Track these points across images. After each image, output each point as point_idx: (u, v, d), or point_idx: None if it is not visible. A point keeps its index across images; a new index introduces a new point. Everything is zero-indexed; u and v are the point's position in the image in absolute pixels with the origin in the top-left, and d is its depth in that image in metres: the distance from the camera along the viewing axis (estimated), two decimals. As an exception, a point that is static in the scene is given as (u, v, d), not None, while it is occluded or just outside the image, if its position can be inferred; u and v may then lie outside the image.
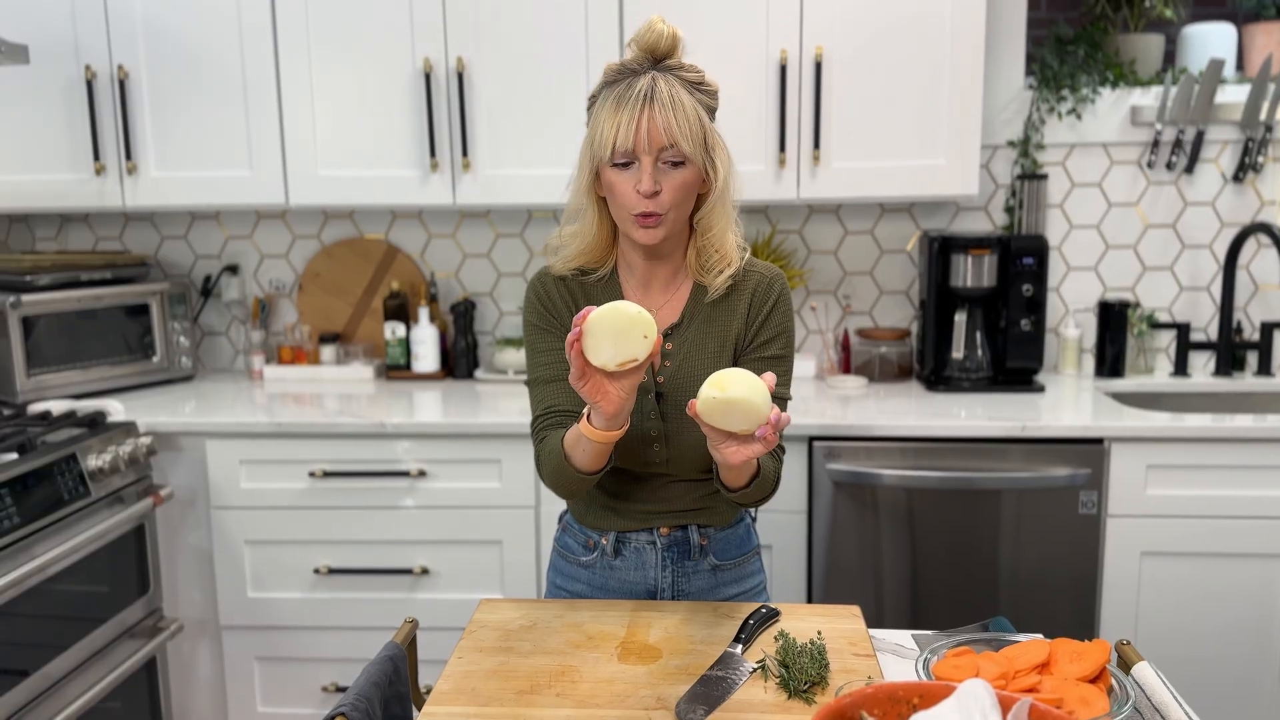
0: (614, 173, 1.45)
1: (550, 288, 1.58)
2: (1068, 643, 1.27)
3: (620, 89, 1.44)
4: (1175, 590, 2.44)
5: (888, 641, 1.49)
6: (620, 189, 1.45)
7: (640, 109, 1.41)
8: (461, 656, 1.39)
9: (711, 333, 1.56)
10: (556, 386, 1.54)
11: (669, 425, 1.54)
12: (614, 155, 1.43)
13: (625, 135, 1.41)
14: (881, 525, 2.46)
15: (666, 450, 1.56)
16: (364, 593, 2.56)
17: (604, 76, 1.49)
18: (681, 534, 1.61)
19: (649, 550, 1.61)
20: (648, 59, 1.47)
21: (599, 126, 1.45)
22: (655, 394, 1.54)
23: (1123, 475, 2.40)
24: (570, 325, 1.49)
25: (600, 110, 1.46)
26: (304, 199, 2.74)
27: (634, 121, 1.41)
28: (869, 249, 3.01)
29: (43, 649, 2.17)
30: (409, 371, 3.01)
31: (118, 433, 2.43)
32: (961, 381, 2.80)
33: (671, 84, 1.44)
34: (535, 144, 2.67)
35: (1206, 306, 2.96)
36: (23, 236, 3.18)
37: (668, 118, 1.41)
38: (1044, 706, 0.97)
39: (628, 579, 1.63)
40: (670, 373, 1.55)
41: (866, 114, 2.60)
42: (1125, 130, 2.89)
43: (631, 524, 1.62)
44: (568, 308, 1.57)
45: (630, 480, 1.60)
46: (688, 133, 1.43)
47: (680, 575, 1.62)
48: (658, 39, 1.46)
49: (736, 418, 1.28)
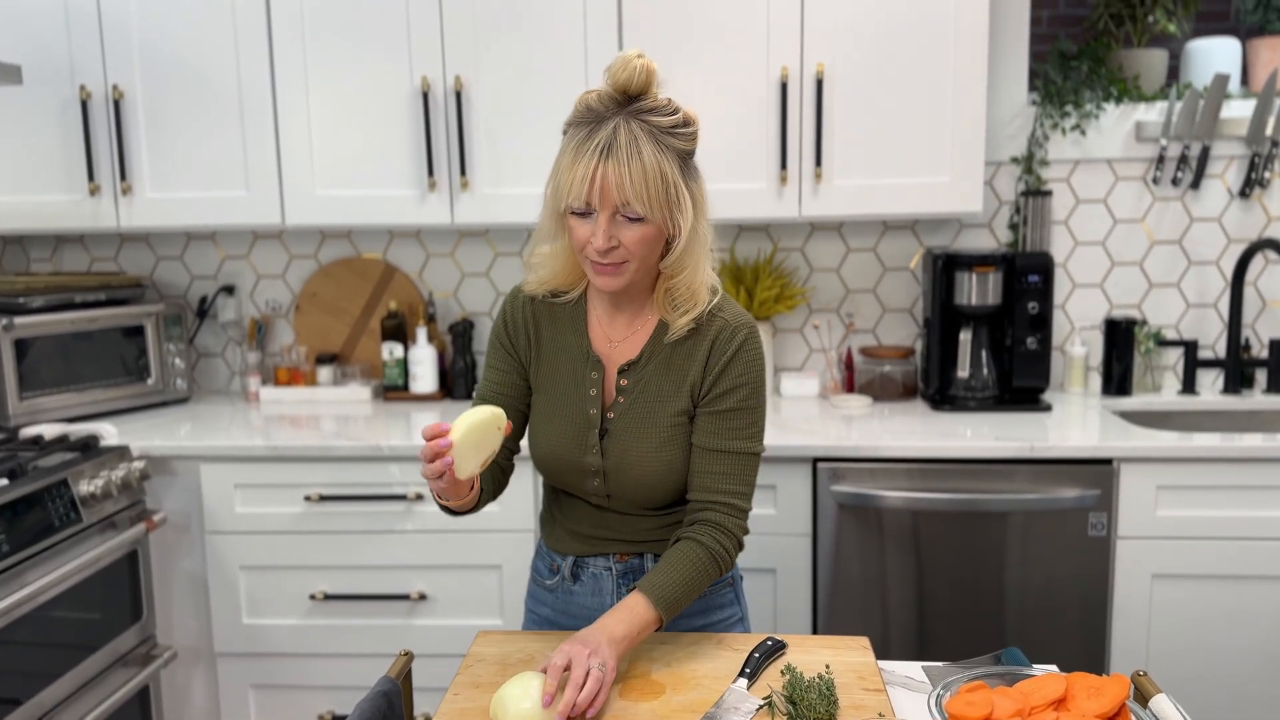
0: (574, 219, 1.42)
1: (518, 310, 1.59)
2: (1085, 677, 1.24)
3: (583, 134, 1.38)
4: (1187, 613, 2.39)
5: (898, 674, 1.45)
6: (578, 236, 1.42)
7: (596, 163, 1.35)
8: (458, 693, 1.35)
9: (669, 375, 1.51)
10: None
11: (608, 462, 1.52)
12: (569, 205, 1.40)
13: (579, 191, 1.36)
14: (887, 548, 2.42)
15: (605, 485, 1.54)
16: (361, 619, 2.52)
17: (574, 110, 1.42)
18: (637, 562, 1.59)
19: (605, 576, 1.60)
20: (618, 98, 1.40)
21: (559, 171, 1.40)
22: (600, 430, 1.52)
23: (1132, 496, 2.36)
24: (526, 349, 1.56)
25: (564, 153, 1.40)
26: (301, 219, 2.71)
27: (589, 176, 1.35)
28: (872, 267, 2.98)
29: (34, 677, 2.12)
30: (407, 392, 2.98)
31: (110, 457, 2.39)
32: (967, 401, 2.76)
33: (635, 135, 1.36)
34: (534, 163, 2.64)
35: (1214, 323, 2.93)
36: (17, 258, 3.15)
37: (622, 175, 1.35)
38: (1065, 751, 0.93)
39: (586, 604, 1.61)
40: (622, 410, 1.52)
41: (868, 131, 2.57)
42: (1130, 146, 2.87)
43: (588, 549, 1.60)
44: (527, 334, 1.58)
45: (584, 508, 1.60)
46: (642, 193, 1.36)
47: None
48: (629, 77, 1.38)
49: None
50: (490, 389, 1.58)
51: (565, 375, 1.55)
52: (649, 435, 1.50)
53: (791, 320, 3.01)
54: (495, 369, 1.59)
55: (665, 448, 1.50)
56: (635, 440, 1.50)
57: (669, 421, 1.50)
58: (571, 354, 1.54)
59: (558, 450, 1.54)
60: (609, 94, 1.40)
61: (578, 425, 1.52)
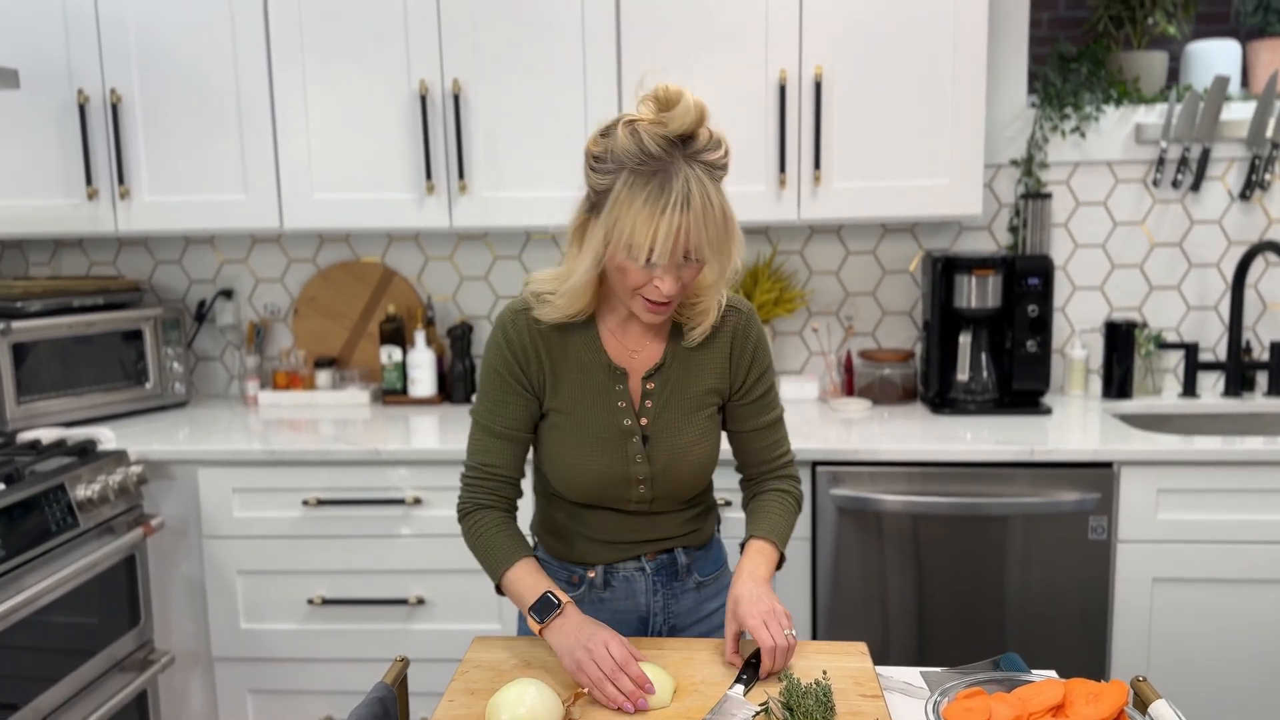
0: (630, 262, 1.38)
1: (524, 335, 1.51)
2: (1083, 683, 1.23)
3: (653, 187, 1.33)
4: (1188, 617, 2.38)
5: (896, 680, 1.44)
6: (634, 278, 1.40)
7: (679, 220, 1.33)
8: (452, 700, 1.34)
9: (692, 371, 1.55)
10: (501, 445, 1.54)
11: (655, 467, 1.53)
12: (641, 257, 1.36)
13: (663, 249, 1.34)
14: (887, 551, 2.41)
15: (651, 490, 1.55)
16: (359, 624, 2.51)
17: (624, 149, 1.35)
18: (669, 557, 1.61)
19: (638, 577, 1.60)
20: (675, 141, 1.36)
21: (629, 224, 1.34)
22: (641, 437, 1.53)
23: (1133, 499, 2.35)
24: (539, 375, 1.51)
25: (630, 203, 1.34)
26: (299, 223, 2.70)
27: (672, 234, 1.33)
28: (871, 270, 2.97)
29: (32, 682, 2.12)
30: (405, 396, 2.97)
31: (108, 462, 2.38)
32: (967, 404, 2.75)
33: (702, 182, 1.34)
34: (532, 166, 2.63)
35: (1215, 326, 2.92)
36: (16, 262, 3.15)
37: (699, 230, 1.35)
38: (1062, 759, 0.92)
39: (618, 609, 1.61)
40: (654, 413, 1.54)
41: (868, 133, 2.57)
42: (1130, 148, 2.86)
43: (619, 555, 1.60)
44: (539, 359, 1.52)
45: (614, 516, 1.58)
46: (714, 241, 1.37)
47: (669, 597, 1.62)
48: (689, 123, 1.35)
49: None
50: (499, 425, 1.52)
51: (588, 392, 1.52)
52: (686, 431, 1.54)
53: (791, 323, 3.00)
54: (500, 402, 1.52)
55: (703, 439, 1.55)
56: (676, 438, 1.53)
57: (703, 415, 1.55)
58: (590, 370, 1.52)
59: (598, 468, 1.52)
60: (664, 137, 1.35)
61: (614, 438, 1.52)
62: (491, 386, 1.53)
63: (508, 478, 1.55)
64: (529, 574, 1.45)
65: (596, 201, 1.41)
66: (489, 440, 1.53)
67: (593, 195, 1.42)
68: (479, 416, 1.55)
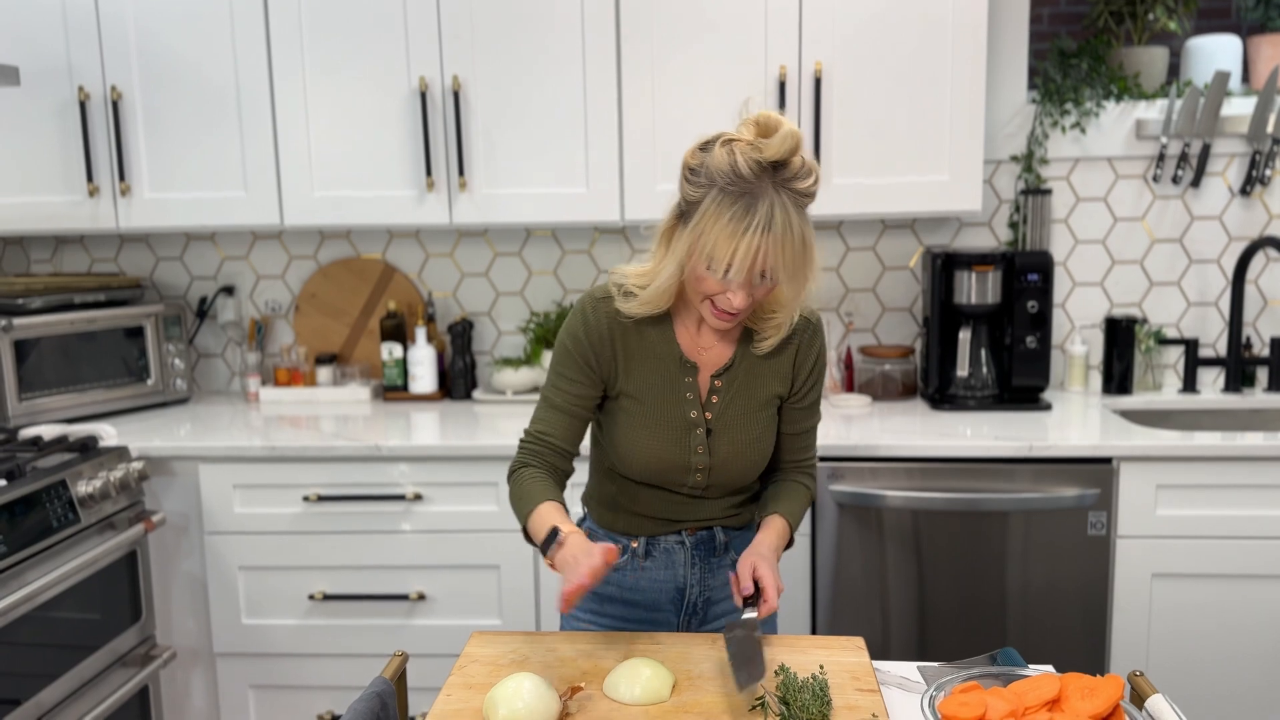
0: (709, 274, 1.45)
1: (602, 322, 1.58)
2: (1079, 678, 1.23)
3: (738, 208, 1.39)
4: (1187, 613, 2.38)
5: (893, 674, 1.44)
6: (708, 287, 1.47)
7: (759, 242, 1.39)
8: (450, 694, 1.35)
9: (759, 373, 1.62)
10: (558, 417, 1.61)
11: (714, 459, 1.61)
12: (719, 272, 1.43)
13: (740, 267, 1.41)
14: (886, 547, 2.41)
15: (707, 479, 1.64)
16: (360, 619, 2.52)
17: (717, 167, 1.41)
18: (708, 534, 1.69)
19: (678, 550, 1.68)
20: (768, 167, 1.40)
21: (712, 239, 1.41)
22: (706, 430, 1.61)
23: (1132, 495, 2.35)
24: (610, 361, 1.58)
25: (714, 219, 1.40)
26: (299, 219, 2.71)
27: (750, 255, 1.39)
28: (871, 266, 2.97)
29: (34, 678, 2.13)
30: (406, 392, 2.98)
31: (109, 458, 2.39)
32: (967, 400, 2.75)
33: (787, 209, 1.40)
34: (532, 162, 2.64)
35: (1215, 322, 2.92)
36: (17, 259, 3.15)
37: (778, 254, 1.41)
38: (1055, 753, 0.93)
39: (657, 578, 1.68)
40: (719, 409, 1.61)
41: (867, 130, 2.57)
42: (1130, 144, 2.86)
43: (661, 529, 1.68)
44: (612, 346, 1.59)
45: (665, 496, 1.66)
46: (790, 265, 1.43)
47: (706, 572, 1.70)
48: (786, 151, 1.39)
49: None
50: (562, 400, 1.60)
51: (659, 382, 1.59)
52: (749, 429, 1.62)
53: (791, 319, 3.00)
54: (573, 381, 1.60)
55: (763, 438, 1.64)
56: (739, 435, 1.61)
57: (764, 415, 1.63)
58: (663, 361, 1.59)
59: (661, 453, 1.60)
60: (757, 161, 1.39)
61: (679, 428, 1.60)
62: (561, 364, 1.61)
63: (559, 448, 1.60)
64: (548, 512, 1.49)
65: (686, 211, 1.47)
66: (549, 411, 1.61)
67: (683, 204, 1.48)
68: (544, 390, 1.63)
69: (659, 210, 2.58)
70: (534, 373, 2.93)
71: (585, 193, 2.63)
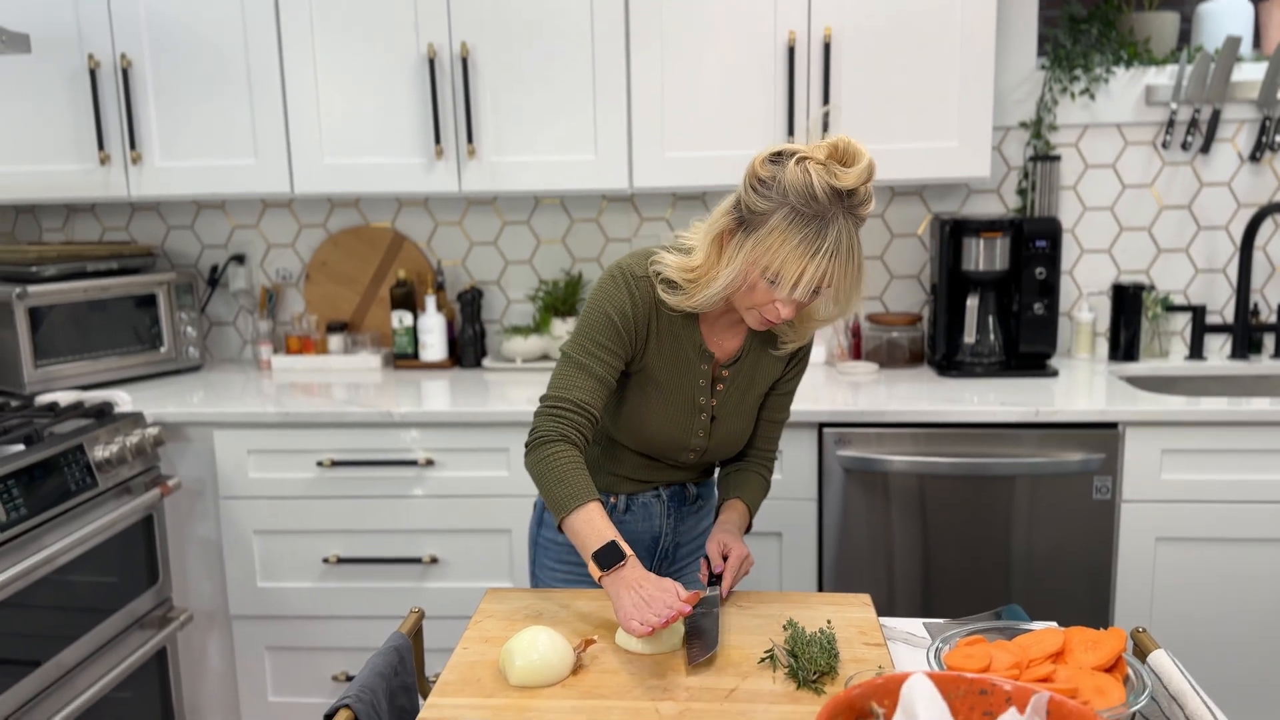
0: (768, 286, 1.47)
1: (643, 298, 1.58)
2: (1083, 631, 1.25)
3: (809, 231, 1.41)
4: (1190, 576, 2.41)
5: (899, 630, 1.47)
6: (760, 296, 1.49)
7: (826, 264, 1.42)
8: (467, 647, 1.38)
9: (761, 369, 1.69)
10: (595, 385, 1.57)
11: (711, 441, 1.69)
12: (782, 292, 1.46)
13: (805, 289, 1.44)
14: (892, 511, 2.44)
15: (699, 458, 1.73)
16: (374, 582, 2.56)
17: (792, 188, 1.41)
18: (679, 488, 1.79)
19: (655, 504, 1.77)
20: (842, 193, 1.42)
21: (780, 258, 1.42)
22: (710, 416, 1.67)
23: (1137, 460, 2.37)
24: (643, 337, 1.59)
25: (784, 239, 1.42)
26: (309, 187, 2.72)
27: (816, 277, 1.43)
28: (879, 233, 2.98)
29: (53, 639, 2.17)
30: (416, 360, 3.00)
31: (125, 423, 2.42)
32: (974, 366, 2.77)
33: (852, 235, 1.44)
34: (541, 130, 2.64)
35: (1223, 289, 2.92)
36: (29, 227, 3.17)
37: (839, 278, 1.45)
38: (1061, 698, 0.95)
39: (635, 530, 1.76)
40: (723, 397, 1.68)
41: (876, 95, 2.57)
42: (1140, 110, 2.85)
43: (639, 488, 1.76)
44: (648, 322, 1.61)
45: (650, 463, 1.72)
46: (846, 289, 1.48)
47: (679, 520, 1.80)
48: (860, 179, 1.41)
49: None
50: (599, 368, 1.57)
51: (678, 367, 1.63)
52: (743, 416, 1.71)
53: (799, 287, 3.01)
54: (613, 353, 1.58)
55: (751, 424, 1.74)
56: (735, 422, 1.70)
57: (755, 403, 1.72)
58: (685, 346, 1.62)
59: (666, 431, 1.66)
60: (833, 188, 1.41)
61: (687, 410, 1.65)
62: (602, 334, 1.58)
63: (593, 417, 1.58)
64: (598, 517, 1.47)
65: (749, 220, 1.46)
66: (585, 378, 1.57)
67: (746, 211, 1.47)
68: (578, 354, 1.58)
69: (668, 178, 2.62)
70: (543, 341, 2.95)
71: (594, 160, 2.64)
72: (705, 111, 2.60)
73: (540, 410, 1.57)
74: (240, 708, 2.66)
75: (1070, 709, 0.97)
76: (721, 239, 1.50)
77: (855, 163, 1.42)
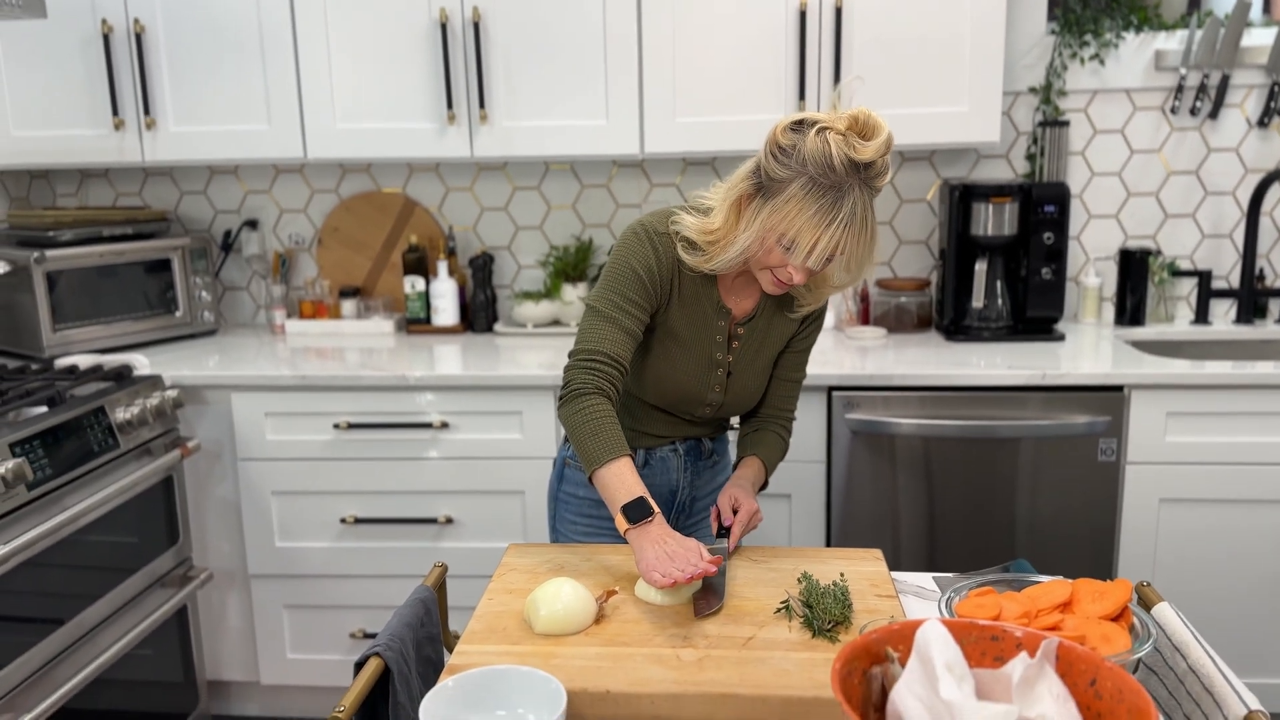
0: (783, 252, 1.49)
1: (665, 254, 1.61)
2: (1090, 583, 1.29)
3: (826, 201, 1.43)
4: (1193, 536, 2.45)
5: (910, 583, 1.51)
6: (774, 260, 1.52)
7: (840, 233, 1.44)
8: (492, 598, 1.42)
9: (775, 328, 1.71)
10: (625, 339, 1.59)
11: (726, 396, 1.72)
12: (797, 259, 1.48)
13: (819, 258, 1.47)
14: (899, 474, 2.48)
15: (715, 413, 1.75)
16: (390, 542, 2.60)
17: (811, 158, 1.43)
18: (694, 442, 1.82)
19: (672, 458, 1.80)
20: (858, 166, 1.43)
21: (796, 226, 1.45)
22: (726, 371, 1.70)
23: (1142, 422, 2.40)
24: (665, 293, 1.62)
25: (801, 208, 1.44)
26: (321, 152, 2.74)
27: (830, 246, 1.45)
28: (888, 198, 3.00)
29: (76, 598, 2.21)
30: (429, 325, 3.03)
31: (144, 386, 2.46)
32: (981, 331, 2.79)
33: (866, 204, 1.45)
34: (552, 95, 2.66)
35: (1229, 254, 2.94)
36: (44, 192, 3.19)
37: (853, 248, 1.47)
38: (1070, 644, 0.99)
39: (654, 484, 1.78)
40: (739, 353, 1.70)
41: (887, 61, 2.58)
42: (1149, 75, 2.86)
43: (657, 443, 1.79)
44: (671, 279, 1.63)
45: (665, 418, 1.76)
46: (859, 257, 1.50)
47: (695, 474, 1.83)
48: (879, 152, 1.43)
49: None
50: (629, 321, 1.59)
51: (696, 321, 1.66)
52: (758, 373, 1.73)
53: (808, 252, 3.03)
54: (640, 307, 1.60)
55: (764, 381, 1.76)
56: (749, 378, 1.72)
57: (770, 361, 1.74)
58: (704, 303, 1.65)
59: (683, 387, 1.69)
60: (852, 161, 1.42)
61: (704, 366, 1.68)
62: (629, 288, 1.59)
63: (624, 369, 1.59)
64: (629, 473, 1.50)
65: (768, 187, 1.48)
66: (614, 331, 1.58)
67: (765, 178, 1.49)
68: (606, 308, 1.59)
69: (679, 143, 2.64)
70: (554, 306, 2.98)
71: (605, 125, 2.66)
72: (717, 76, 2.61)
73: (573, 363, 1.59)
74: (259, 665, 2.71)
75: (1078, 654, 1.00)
76: (740, 203, 1.53)
77: (875, 136, 1.43)
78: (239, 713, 2.83)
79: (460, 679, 1.16)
